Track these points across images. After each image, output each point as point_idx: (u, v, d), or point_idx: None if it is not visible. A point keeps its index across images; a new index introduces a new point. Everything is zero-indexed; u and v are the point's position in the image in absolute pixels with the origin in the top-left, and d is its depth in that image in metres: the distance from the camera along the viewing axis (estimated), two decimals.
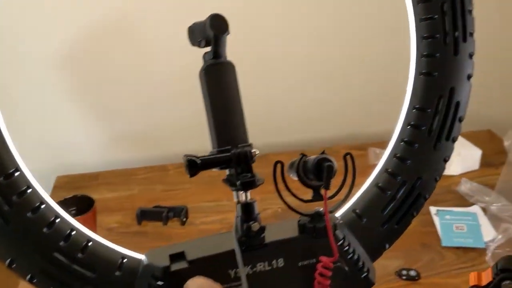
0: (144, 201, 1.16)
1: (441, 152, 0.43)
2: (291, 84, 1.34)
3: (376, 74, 1.34)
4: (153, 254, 0.39)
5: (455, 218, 1.05)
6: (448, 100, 0.42)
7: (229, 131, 0.40)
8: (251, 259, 0.39)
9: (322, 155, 0.38)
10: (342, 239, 0.41)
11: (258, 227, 0.38)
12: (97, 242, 0.39)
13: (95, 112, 1.31)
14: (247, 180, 0.38)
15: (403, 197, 0.43)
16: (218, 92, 0.40)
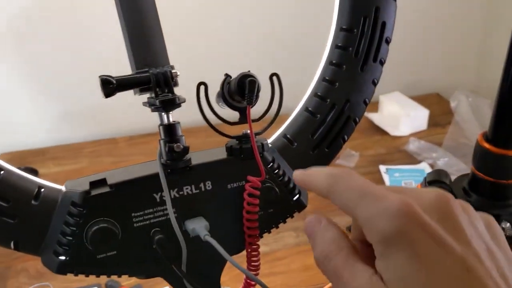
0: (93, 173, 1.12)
1: (369, 74, 0.43)
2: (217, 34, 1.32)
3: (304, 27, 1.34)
4: (73, 183, 0.38)
5: (404, 175, 1.07)
6: (374, 20, 0.42)
7: (148, 51, 0.38)
8: (177, 182, 0.37)
9: (244, 72, 0.37)
10: (272, 162, 0.40)
11: (181, 147, 0.37)
12: (10, 171, 0.37)
13: (41, 89, 1.26)
14: (167, 98, 0.36)
15: (332, 121, 0.43)
16: (133, 10, 0.38)
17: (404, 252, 0.24)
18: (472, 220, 0.27)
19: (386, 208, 0.25)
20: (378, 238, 0.25)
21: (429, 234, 0.24)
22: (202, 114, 0.38)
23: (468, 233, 0.25)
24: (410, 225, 0.24)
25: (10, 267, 0.91)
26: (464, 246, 0.25)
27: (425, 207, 0.26)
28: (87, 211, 0.35)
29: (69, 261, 0.36)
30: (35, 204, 0.36)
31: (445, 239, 0.24)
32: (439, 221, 0.25)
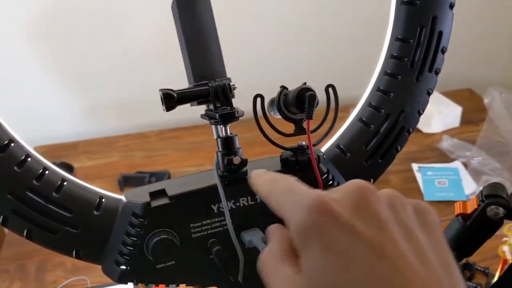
0: (125, 168, 1.14)
1: (424, 84, 0.42)
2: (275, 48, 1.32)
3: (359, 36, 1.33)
4: (132, 193, 0.38)
5: (437, 174, 1.06)
6: (430, 29, 0.41)
7: (206, 64, 0.38)
8: (234, 193, 0.38)
9: (303, 86, 0.37)
10: (326, 173, 0.40)
11: (239, 160, 0.37)
12: (73, 182, 0.37)
13: (73, 82, 1.28)
14: (226, 112, 0.37)
15: (386, 131, 0.42)
16: (191, 24, 0.38)
17: (317, 244, 0.25)
18: (395, 207, 0.27)
19: (302, 203, 0.26)
20: (296, 233, 0.26)
21: (339, 223, 0.25)
22: (258, 125, 0.38)
23: (383, 218, 0.26)
24: (321, 217, 0.25)
25: (46, 260, 0.93)
26: (377, 231, 0.25)
27: (341, 199, 0.26)
28: (148, 222, 0.36)
29: (129, 270, 0.37)
30: (97, 214, 0.37)
31: (355, 226, 0.25)
32: (354, 210, 0.26)
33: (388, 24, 0.43)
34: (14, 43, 1.18)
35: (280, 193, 0.29)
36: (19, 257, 0.94)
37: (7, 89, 1.20)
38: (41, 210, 0.35)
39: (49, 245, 0.36)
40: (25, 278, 0.90)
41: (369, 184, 0.27)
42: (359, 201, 0.26)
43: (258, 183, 0.31)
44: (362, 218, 0.26)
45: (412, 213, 0.27)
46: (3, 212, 0.35)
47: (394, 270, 0.24)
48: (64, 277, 0.90)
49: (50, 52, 1.23)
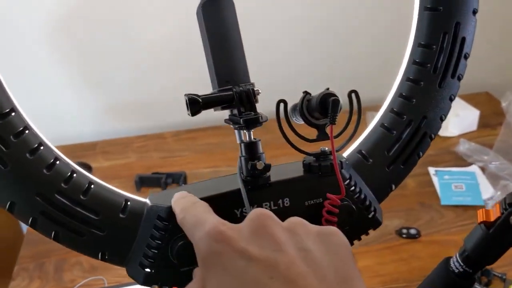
0: (142, 169, 1.15)
1: (447, 90, 0.42)
2: (291, 49, 1.32)
3: (375, 40, 1.33)
4: (157, 196, 0.39)
5: (454, 178, 1.06)
6: (453, 36, 0.41)
7: (230, 69, 0.39)
8: (257, 198, 0.38)
9: (326, 91, 0.37)
10: (349, 179, 0.40)
11: (262, 165, 0.37)
12: (100, 184, 0.38)
13: (89, 82, 1.29)
14: (251, 117, 0.37)
15: (409, 137, 0.42)
16: (216, 29, 0.39)
17: (215, 270, 0.27)
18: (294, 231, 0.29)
19: (203, 233, 0.29)
20: (198, 260, 0.29)
21: (234, 249, 0.27)
22: (281, 130, 0.39)
23: (279, 241, 0.27)
24: (217, 244, 0.28)
25: (64, 259, 0.94)
26: (271, 253, 0.27)
27: (241, 227, 0.29)
28: (172, 226, 0.36)
29: (154, 273, 0.37)
30: (122, 217, 0.37)
31: (249, 250, 0.27)
32: (251, 236, 0.28)
33: (410, 30, 0.43)
34: (34, 44, 1.20)
35: (189, 223, 0.32)
36: (38, 256, 0.95)
37: (27, 89, 1.22)
38: (69, 213, 0.36)
39: (76, 247, 0.37)
40: (44, 277, 0.91)
41: (268, 212, 0.30)
42: (257, 227, 0.29)
43: (175, 211, 0.34)
44: (258, 242, 0.28)
45: (315, 236, 0.29)
46: (32, 214, 0.35)
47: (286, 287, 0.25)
48: (82, 277, 0.91)
49: (69, 52, 1.24)
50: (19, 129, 0.35)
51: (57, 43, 1.21)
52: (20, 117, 0.35)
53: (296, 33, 1.30)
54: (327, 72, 1.35)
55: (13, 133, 0.34)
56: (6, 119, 0.34)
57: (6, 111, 0.34)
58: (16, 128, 0.34)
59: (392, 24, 1.17)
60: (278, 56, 1.32)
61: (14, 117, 0.35)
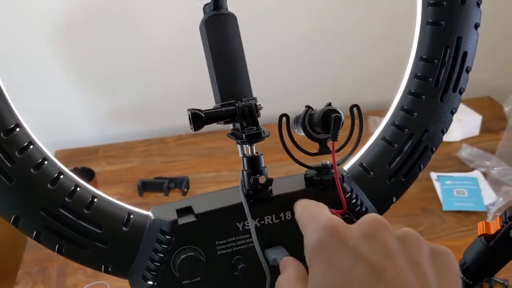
0: (144, 173, 1.16)
1: (448, 103, 0.42)
2: (290, 54, 1.32)
3: (376, 44, 1.33)
4: (159, 210, 0.39)
5: (456, 183, 1.06)
6: (455, 50, 0.42)
7: (233, 84, 0.39)
8: (259, 212, 0.38)
9: (328, 107, 0.38)
10: (350, 192, 0.40)
11: (264, 180, 0.37)
12: (103, 198, 0.38)
13: (92, 86, 1.30)
14: (253, 132, 0.37)
15: (410, 150, 0.42)
16: (219, 45, 0.39)
17: (321, 261, 0.27)
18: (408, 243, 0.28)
19: (317, 225, 0.29)
20: (306, 250, 0.29)
21: (344, 244, 0.27)
22: (283, 144, 0.39)
23: (390, 248, 0.27)
24: (329, 237, 0.28)
25: (68, 264, 0.95)
26: (381, 257, 0.27)
27: (353, 227, 0.29)
28: (175, 239, 0.37)
29: (156, 286, 0.37)
30: (125, 230, 0.38)
31: (358, 249, 0.27)
32: (362, 237, 0.28)
33: (412, 44, 0.43)
34: (37, 48, 1.20)
35: (305, 217, 0.33)
36: (41, 261, 0.96)
37: (30, 94, 1.22)
38: (73, 226, 0.36)
39: (79, 260, 0.37)
40: (47, 281, 0.92)
41: (382, 218, 0.29)
42: (369, 230, 0.28)
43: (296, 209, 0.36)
44: (369, 244, 0.27)
45: (428, 252, 0.28)
46: (36, 228, 0.36)
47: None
48: (85, 281, 0.91)
49: (72, 57, 1.25)
50: (24, 144, 0.35)
51: (60, 47, 1.22)
52: (25, 133, 0.36)
53: (299, 41, 1.31)
54: (328, 77, 1.35)
55: (17, 149, 0.35)
56: (11, 134, 0.35)
57: (11, 127, 0.35)
58: (20, 143, 0.35)
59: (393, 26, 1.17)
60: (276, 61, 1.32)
61: (18, 133, 0.35)
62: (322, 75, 1.35)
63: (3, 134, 0.34)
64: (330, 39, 1.31)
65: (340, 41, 1.32)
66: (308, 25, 1.29)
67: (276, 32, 1.28)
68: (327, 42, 1.32)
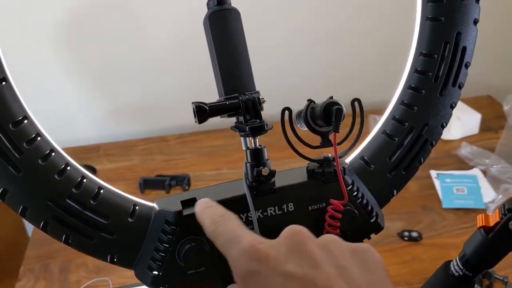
0: (146, 171, 1.16)
1: (448, 98, 0.43)
2: (290, 54, 1.33)
3: (376, 43, 1.33)
4: (164, 201, 0.40)
5: (456, 181, 1.06)
6: (454, 45, 0.42)
7: (236, 78, 0.40)
8: (262, 203, 0.39)
9: (330, 100, 0.38)
10: (351, 184, 0.41)
11: (268, 171, 0.38)
12: (109, 189, 0.39)
13: (94, 85, 1.30)
14: (256, 125, 0.38)
15: (410, 144, 0.43)
16: (223, 39, 0.40)
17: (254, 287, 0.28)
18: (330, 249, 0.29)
19: (240, 251, 0.29)
20: (237, 278, 0.29)
21: (272, 266, 0.28)
22: (285, 137, 0.40)
23: (316, 258, 0.28)
24: (256, 263, 0.28)
25: (70, 260, 0.95)
26: (310, 269, 0.27)
27: (277, 244, 0.29)
28: (179, 230, 0.37)
29: (161, 275, 0.38)
30: (131, 221, 0.38)
31: (287, 267, 0.28)
32: (289, 253, 0.28)
33: (412, 39, 0.44)
34: (37, 48, 1.21)
35: (223, 238, 0.32)
36: (43, 257, 0.96)
37: (32, 92, 1.23)
38: (79, 217, 0.37)
39: (86, 250, 0.38)
40: (49, 278, 0.92)
41: (304, 229, 0.30)
42: (294, 244, 0.29)
43: (203, 222, 0.34)
44: (296, 259, 0.28)
45: (350, 254, 0.30)
46: (43, 218, 0.36)
47: None
48: (87, 278, 0.92)
49: (73, 56, 1.26)
50: (32, 136, 0.36)
51: (61, 46, 1.23)
52: (33, 124, 0.36)
53: (300, 36, 1.31)
54: (328, 76, 1.36)
55: (26, 140, 0.35)
56: (19, 126, 0.35)
57: (19, 118, 0.35)
58: (28, 135, 0.36)
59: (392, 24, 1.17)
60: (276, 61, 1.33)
61: (26, 124, 0.36)
62: (322, 73, 1.36)
63: (11, 125, 0.35)
64: (328, 37, 1.32)
65: (338, 38, 1.33)
66: (307, 23, 1.30)
67: (272, 29, 1.29)
68: (325, 39, 1.32)
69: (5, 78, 0.35)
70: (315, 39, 1.32)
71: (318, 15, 1.30)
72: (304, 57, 1.34)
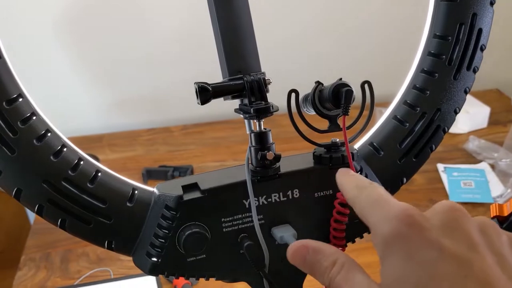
0: (149, 162, 1.15)
1: (462, 82, 0.41)
2: (296, 45, 1.31)
3: (382, 35, 1.31)
4: (164, 186, 0.38)
5: (463, 175, 1.04)
6: (469, 27, 0.40)
7: (241, 58, 0.38)
8: (266, 189, 0.37)
9: (339, 81, 0.37)
10: (360, 171, 0.39)
11: (273, 155, 0.36)
12: (107, 173, 0.37)
13: (98, 75, 1.29)
14: (261, 107, 0.36)
15: (422, 130, 0.41)
16: (228, 17, 0.38)
17: (399, 254, 0.25)
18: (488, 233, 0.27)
19: (388, 214, 0.27)
20: (378, 240, 0.27)
21: (425, 237, 0.25)
22: (292, 120, 0.38)
23: (474, 240, 0.26)
24: (407, 229, 0.26)
25: (71, 250, 0.94)
26: (466, 250, 0.25)
27: (430, 216, 0.27)
28: (180, 215, 0.36)
29: (161, 262, 0.37)
30: (130, 206, 0.37)
31: (442, 242, 0.25)
32: (443, 228, 0.26)
33: (425, 21, 0.42)
34: (43, 38, 1.20)
35: (366, 201, 0.30)
36: (44, 247, 0.95)
37: (36, 82, 1.22)
38: (76, 200, 0.35)
39: (82, 235, 0.36)
40: (50, 267, 0.91)
41: (461, 207, 0.27)
42: (449, 220, 0.26)
43: (345, 186, 0.33)
44: (451, 236, 0.26)
45: (508, 242, 0.27)
46: (38, 201, 0.35)
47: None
48: (88, 268, 0.91)
49: (78, 46, 1.24)
50: (27, 115, 0.34)
51: (66, 36, 1.21)
52: (28, 103, 0.35)
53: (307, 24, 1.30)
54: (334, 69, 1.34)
55: (20, 119, 0.34)
56: (13, 104, 0.34)
57: (13, 96, 0.34)
58: (23, 114, 0.34)
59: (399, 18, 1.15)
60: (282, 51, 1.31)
61: (21, 103, 0.34)
62: (329, 66, 1.34)
63: (5, 103, 0.33)
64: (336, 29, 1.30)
65: (346, 32, 1.31)
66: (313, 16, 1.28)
67: (277, 25, 1.27)
68: (332, 31, 1.30)
69: (0, 55, 0.34)
70: (320, 33, 1.30)
71: (321, 3, 1.28)
72: (308, 47, 1.32)
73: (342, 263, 0.29)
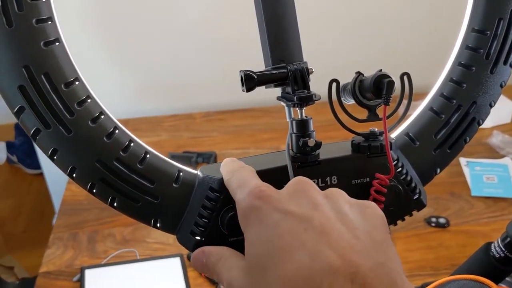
0: (173, 147, 1.17)
1: (498, 76, 0.42)
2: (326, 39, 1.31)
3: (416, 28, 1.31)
4: (208, 168, 0.40)
5: (486, 169, 1.05)
6: (508, 22, 0.41)
7: (284, 47, 0.39)
8: (306, 175, 0.38)
9: (380, 72, 0.38)
10: (396, 160, 0.40)
11: (314, 142, 0.38)
12: (155, 154, 0.39)
13: (123, 62, 1.31)
14: (304, 95, 0.38)
15: (457, 122, 0.42)
16: (272, 7, 0.39)
17: (254, 223, 0.30)
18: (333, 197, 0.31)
19: (246, 191, 0.31)
20: (239, 215, 0.32)
21: (272, 204, 0.30)
22: (332, 109, 0.39)
23: (317, 202, 0.30)
24: (257, 200, 0.30)
25: (97, 231, 0.97)
26: (308, 210, 0.29)
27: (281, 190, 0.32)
28: (223, 197, 0.37)
29: (204, 241, 0.38)
30: (176, 187, 0.39)
31: (286, 206, 0.29)
32: (289, 196, 0.30)
33: (464, 15, 0.43)
34: (69, 25, 1.21)
35: (235, 183, 0.34)
36: (72, 227, 0.98)
37: None
38: (126, 180, 0.37)
39: (130, 213, 0.38)
40: (77, 246, 0.94)
41: (307, 179, 0.32)
42: (295, 189, 0.31)
43: (222, 171, 0.37)
44: (297, 202, 0.30)
45: (351, 204, 0.31)
46: (91, 179, 0.37)
47: (320, 238, 0.27)
48: (114, 248, 0.93)
49: (104, 33, 1.26)
50: (83, 97, 0.36)
51: (92, 24, 1.23)
52: (83, 86, 0.37)
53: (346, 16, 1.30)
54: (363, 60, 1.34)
55: (77, 101, 0.36)
56: (70, 87, 0.36)
57: (71, 79, 0.36)
58: (79, 96, 0.36)
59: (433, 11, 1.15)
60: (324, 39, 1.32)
61: (78, 86, 0.36)
62: (358, 59, 1.34)
63: (63, 86, 0.35)
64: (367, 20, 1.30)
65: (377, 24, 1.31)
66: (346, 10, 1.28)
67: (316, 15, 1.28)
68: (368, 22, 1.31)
69: (59, 38, 0.35)
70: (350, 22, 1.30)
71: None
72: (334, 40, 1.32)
73: (226, 257, 0.33)
